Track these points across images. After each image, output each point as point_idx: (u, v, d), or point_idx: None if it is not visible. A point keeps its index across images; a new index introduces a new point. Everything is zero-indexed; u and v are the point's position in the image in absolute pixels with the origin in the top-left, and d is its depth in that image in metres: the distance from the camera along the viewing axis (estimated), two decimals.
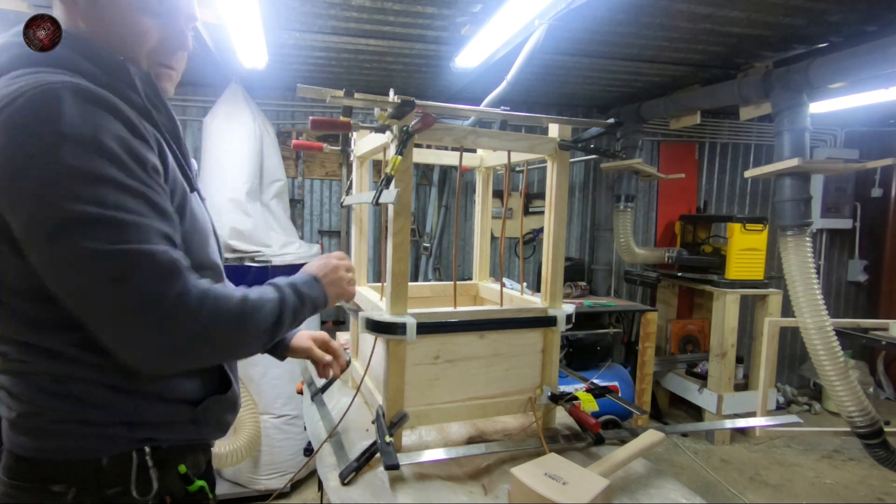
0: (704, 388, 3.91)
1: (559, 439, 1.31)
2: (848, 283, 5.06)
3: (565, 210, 1.35)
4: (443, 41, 2.71)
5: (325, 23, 2.50)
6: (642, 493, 1.10)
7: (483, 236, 1.81)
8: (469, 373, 1.29)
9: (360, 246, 1.70)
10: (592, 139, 1.34)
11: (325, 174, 3.90)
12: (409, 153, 1.16)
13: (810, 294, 2.64)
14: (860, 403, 2.60)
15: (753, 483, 3.30)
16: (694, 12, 2.32)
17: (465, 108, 1.32)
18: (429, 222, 4.03)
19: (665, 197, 4.56)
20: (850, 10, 2.29)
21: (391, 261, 1.18)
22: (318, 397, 1.63)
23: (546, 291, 1.37)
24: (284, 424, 2.95)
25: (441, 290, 1.80)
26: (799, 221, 2.74)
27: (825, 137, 4.79)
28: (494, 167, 1.74)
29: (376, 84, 3.60)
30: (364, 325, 1.20)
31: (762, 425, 2.99)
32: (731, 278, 3.78)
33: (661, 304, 4.39)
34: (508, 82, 2.31)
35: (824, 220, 4.70)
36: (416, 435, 1.32)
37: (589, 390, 1.39)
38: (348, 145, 1.86)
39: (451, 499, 1.06)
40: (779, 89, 2.77)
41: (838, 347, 2.62)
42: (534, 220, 4.23)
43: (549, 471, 1.03)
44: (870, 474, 3.44)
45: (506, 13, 2.13)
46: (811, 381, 4.88)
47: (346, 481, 1.12)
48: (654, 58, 2.98)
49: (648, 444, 1.20)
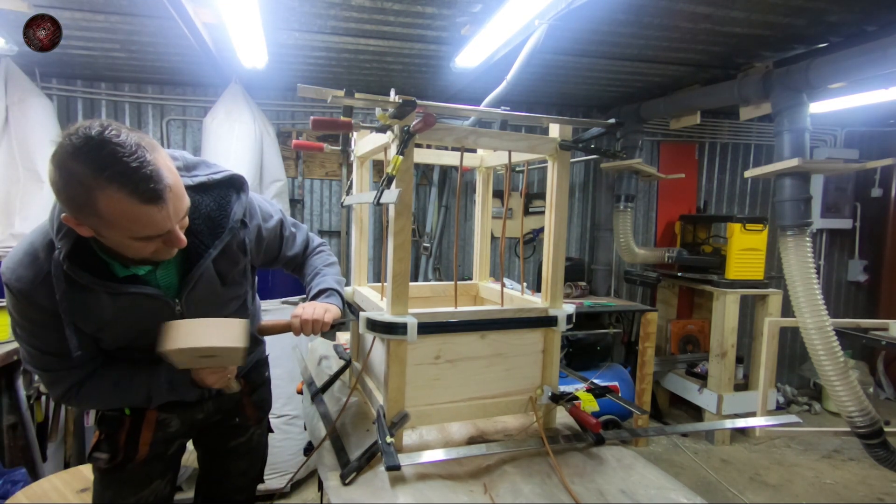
0: (704, 388, 3.91)
1: (560, 439, 1.31)
2: (848, 283, 5.07)
3: (566, 210, 1.35)
4: (443, 41, 2.71)
5: (325, 23, 2.50)
6: (642, 493, 1.10)
7: (483, 236, 1.81)
8: (470, 373, 1.29)
9: (361, 246, 1.70)
10: (593, 139, 1.34)
11: (326, 174, 3.90)
12: (410, 153, 1.16)
13: (810, 294, 2.64)
14: (860, 403, 2.60)
15: (753, 483, 3.30)
16: (694, 12, 2.32)
17: (466, 108, 1.32)
18: (429, 222, 4.03)
19: (665, 197, 4.57)
20: (850, 10, 2.29)
21: (392, 261, 1.18)
22: (318, 397, 1.63)
23: (546, 291, 1.37)
24: (284, 424, 2.95)
25: (441, 290, 1.80)
26: (799, 221, 2.74)
27: (825, 137, 4.79)
28: (495, 167, 1.74)
29: (376, 84, 3.60)
30: (365, 325, 1.20)
31: (762, 425, 2.99)
32: (731, 278, 3.78)
33: (661, 304, 4.39)
34: (508, 82, 2.31)
35: (824, 220, 4.70)
36: (416, 434, 1.32)
37: (589, 390, 1.39)
38: (349, 145, 1.86)
39: (451, 498, 1.06)
40: (779, 89, 2.77)
41: (838, 347, 2.62)
42: (534, 220, 4.23)
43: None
44: (870, 474, 3.44)
45: (506, 13, 2.13)
46: (811, 381, 4.88)
47: (347, 481, 1.12)
48: (654, 58, 2.98)
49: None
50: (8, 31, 2.54)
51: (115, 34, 2.62)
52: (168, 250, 1.08)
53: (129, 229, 0.97)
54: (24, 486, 2.13)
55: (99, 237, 1.02)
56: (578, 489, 1.11)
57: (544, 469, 1.18)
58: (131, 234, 0.99)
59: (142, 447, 1.31)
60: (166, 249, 1.07)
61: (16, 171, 2.97)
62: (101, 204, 0.92)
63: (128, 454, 1.30)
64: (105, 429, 1.31)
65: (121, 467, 1.30)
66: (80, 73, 3.36)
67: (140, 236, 0.99)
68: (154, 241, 1.03)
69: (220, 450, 1.50)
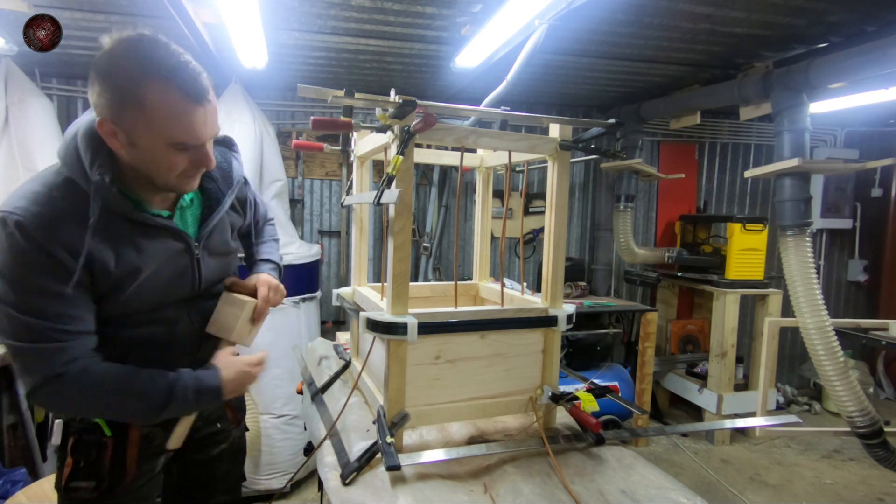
0: (704, 388, 3.91)
1: (560, 439, 1.31)
2: (848, 283, 5.07)
3: (566, 210, 1.35)
4: (443, 41, 2.71)
5: (325, 23, 2.50)
6: (642, 493, 1.10)
7: (483, 236, 1.81)
8: (470, 373, 1.29)
9: (361, 246, 1.70)
10: (593, 139, 1.34)
11: (325, 174, 3.90)
12: (410, 153, 1.16)
13: (810, 294, 2.64)
14: (860, 403, 2.60)
15: (753, 483, 3.30)
16: (694, 12, 2.32)
17: (466, 108, 1.32)
18: (429, 222, 4.03)
19: (665, 197, 4.57)
20: (850, 10, 2.29)
21: (392, 261, 1.18)
22: (318, 397, 1.63)
23: (546, 291, 1.37)
24: (284, 424, 2.95)
25: (441, 290, 1.80)
26: (799, 221, 2.74)
27: (825, 137, 4.79)
28: (495, 167, 1.74)
29: (376, 84, 3.60)
30: (365, 325, 1.20)
31: (762, 425, 2.99)
32: (731, 278, 3.78)
33: (661, 304, 4.39)
34: (508, 82, 2.30)
35: (824, 220, 4.70)
36: (416, 434, 1.32)
37: (589, 390, 1.39)
38: (349, 145, 1.86)
39: (451, 498, 1.06)
40: (779, 89, 2.77)
41: (838, 347, 2.62)
42: (534, 220, 4.23)
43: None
44: (870, 474, 3.44)
45: (506, 13, 2.13)
46: (811, 381, 4.88)
47: (347, 481, 1.12)
48: (654, 58, 2.98)
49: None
50: (8, 31, 2.54)
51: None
52: (192, 179, 1.09)
53: (170, 130, 0.98)
54: (24, 486, 2.13)
55: (132, 148, 0.99)
56: (578, 489, 1.11)
57: (544, 469, 1.18)
58: (170, 138, 0.99)
59: (129, 466, 1.18)
60: (193, 174, 1.08)
61: (16, 171, 2.97)
62: (147, 95, 0.94)
63: (115, 478, 1.17)
64: (82, 456, 1.16)
65: (108, 493, 1.16)
66: (80, 73, 3.35)
67: (178, 140, 1.00)
68: (186, 155, 1.03)
69: (203, 460, 1.41)
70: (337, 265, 3.97)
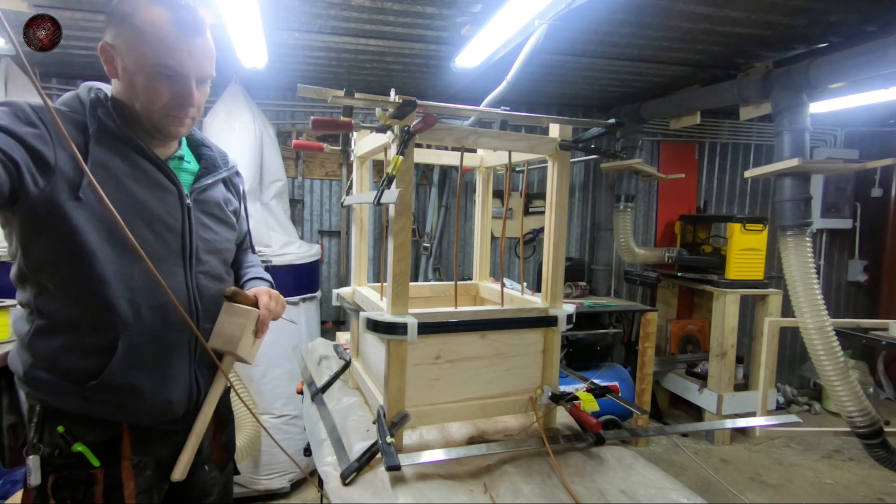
0: (704, 388, 3.91)
1: (560, 439, 1.31)
2: (848, 283, 5.06)
3: (566, 210, 1.35)
4: (443, 41, 2.71)
5: (325, 23, 2.50)
6: (642, 493, 1.10)
7: (483, 236, 1.80)
8: (470, 373, 1.29)
9: (361, 246, 1.70)
10: (593, 139, 1.34)
11: (325, 174, 3.90)
12: (410, 153, 1.16)
13: (810, 294, 2.64)
14: (860, 403, 2.60)
15: (753, 483, 3.30)
16: (694, 12, 2.32)
17: (466, 108, 1.32)
18: (429, 222, 4.03)
19: (665, 197, 4.57)
20: (850, 10, 2.29)
21: (392, 261, 1.18)
22: (318, 397, 1.63)
23: (546, 291, 1.37)
24: (284, 424, 2.95)
25: (441, 290, 1.80)
26: (799, 221, 2.74)
27: (825, 137, 4.79)
28: (495, 167, 1.74)
29: (376, 84, 3.60)
30: (365, 325, 1.20)
31: (762, 425, 2.99)
32: (731, 278, 3.78)
33: (661, 304, 4.39)
34: (508, 82, 2.30)
35: (824, 220, 4.70)
36: (416, 434, 1.32)
37: (589, 390, 1.39)
38: (349, 145, 1.86)
39: (451, 498, 1.06)
40: (779, 89, 2.77)
41: (838, 347, 2.62)
42: (534, 220, 4.23)
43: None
44: (870, 474, 3.44)
45: (506, 13, 2.13)
46: (811, 381, 4.88)
47: (347, 481, 1.12)
48: (654, 58, 2.98)
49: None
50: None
51: None
52: (178, 119, 1.11)
53: (156, 52, 1.04)
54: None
55: (124, 73, 1.06)
56: (578, 489, 1.11)
57: (544, 469, 1.18)
58: (155, 59, 1.04)
59: (128, 501, 1.06)
60: (177, 111, 1.10)
61: None
62: (142, 16, 1.03)
63: None
64: (68, 495, 1.02)
65: None
66: (80, 73, 3.35)
67: (161, 62, 1.04)
68: (169, 84, 1.07)
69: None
70: (337, 265, 3.97)
